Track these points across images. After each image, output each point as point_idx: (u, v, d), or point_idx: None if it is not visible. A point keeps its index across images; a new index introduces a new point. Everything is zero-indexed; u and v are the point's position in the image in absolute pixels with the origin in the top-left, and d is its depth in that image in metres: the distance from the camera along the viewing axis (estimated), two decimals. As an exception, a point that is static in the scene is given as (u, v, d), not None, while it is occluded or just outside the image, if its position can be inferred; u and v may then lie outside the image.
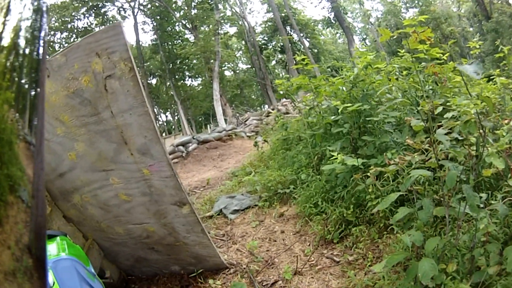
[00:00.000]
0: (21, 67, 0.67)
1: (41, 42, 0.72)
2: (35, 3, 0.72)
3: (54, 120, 3.16)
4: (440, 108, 2.83)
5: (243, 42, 37.31)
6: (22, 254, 0.59)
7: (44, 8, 0.74)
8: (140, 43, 33.66)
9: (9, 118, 0.61)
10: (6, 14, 0.63)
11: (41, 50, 0.71)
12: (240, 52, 41.87)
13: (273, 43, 36.66)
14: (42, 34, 0.72)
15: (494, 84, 5.02)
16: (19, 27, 0.66)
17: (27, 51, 0.68)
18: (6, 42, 0.62)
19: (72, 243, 2.67)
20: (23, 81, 0.67)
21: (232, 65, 40.22)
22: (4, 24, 0.62)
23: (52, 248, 2.39)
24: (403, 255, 2.61)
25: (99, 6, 29.14)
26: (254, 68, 35.74)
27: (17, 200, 0.60)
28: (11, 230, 0.57)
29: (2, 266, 0.54)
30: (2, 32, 0.61)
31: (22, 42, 0.67)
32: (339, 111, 4.55)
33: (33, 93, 0.69)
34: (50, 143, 3.26)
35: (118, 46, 2.87)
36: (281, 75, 38.20)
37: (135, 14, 31.73)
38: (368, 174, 3.05)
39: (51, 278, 2.03)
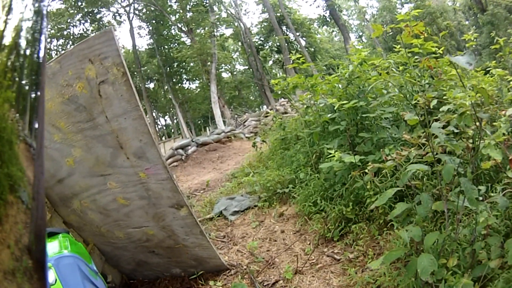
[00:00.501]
0: (21, 67, 0.66)
1: (42, 45, 0.71)
2: (36, 5, 0.72)
3: (50, 127, 3.17)
4: (435, 101, 2.82)
5: (240, 44, 37.38)
6: (21, 254, 0.59)
7: (44, 12, 0.74)
8: (137, 47, 33.68)
9: (10, 117, 0.61)
10: (8, 13, 0.63)
11: (41, 53, 0.71)
12: (237, 53, 41.93)
13: (270, 43, 36.64)
14: (42, 37, 0.72)
15: (491, 77, 5.02)
16: (20, 27, 0.66)
17: (28, 52, 0.68)
18: (7, 41, 0.62)
19: (74, 240, 2.67)
20: (23, 82, 0.67)
21: (229, 66, 40.26)
22: (6, 22, 0.62)
23: (54, 245, 2.39)
24: (401, 251, 2.60)
25: (95, 12, 29.12)
26: (251, 69, 35.75)
27: (17, 200, 0.60)
28: (10, 229, 0.57)
29: (2, 265, 0.54)
30: (3, 30, 0.61)
31: (23, 42, 0.67)
32: (336, 108, 4.54)
33: (33, 95, 0.69)
34: (48, 149, 3.26)
35: (110, 52, 2.88)
36: (278, 75, 38.23)
37: (131, 19, 31.76)
38: (366, 171, 3.04)
39: (53, 275, 2.02)
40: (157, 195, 3.30)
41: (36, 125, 0.68)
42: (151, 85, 39.57)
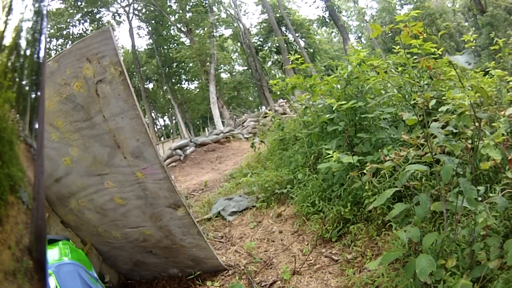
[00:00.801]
0: (22, 68, 0.66)
1: (42, 45, 0.71)
2: (36, 5, 0.72)
3: (48, 126, 3.16)
4: (433, 102, 2.81)
5: (239, 44, 37.41)
6: (22, 255, 0.59)
7: (44, 12, 0.74)
8: (136, 47, 33.68)
9: (10, 118, 0.61)
10: (8, 13, 0.62)
11: (41, 54, 0.71)
12: (236, 54, 41.99)
13: (269, 44, 36.70)
14: (43, 37, 0.72)
15: (490, 77, 5.02)
16: (21, 27, 0.66)
17: (28, 52, 0.68)
18: (7, 41, 0.62)
19: (74, 247, 2.67)
20: (24, 82, 0.67)
21: (228, 67, 40.30)
22: (6, 23, 0.61)
23: (54, 253, 2.39)
24: (399, 252, 2.58)
25: (94, 12, 29.13)
26: (250, 70, 35.79)
27: (18, 200, 0.60)
28: (11, 230, 0.57)
29: (2, 265, 0.54)
30: (4, 31, 0.61)
31: (23, 43, 0.67)
32: (334, 109, 4.53)
33: (33, 95, 0.69)
34: (46, 148, 3.24)
35: (107, 51, 2.87)
36: (277, 75, 38.22)
37: (130, 19, 31.79)
38: (365, 171, 3.03)
39: (53, 282, 2.02)
40: (154, 195, 3.29)
41: (36, 125, 0.68)
42: (150, 86, 39.63)
